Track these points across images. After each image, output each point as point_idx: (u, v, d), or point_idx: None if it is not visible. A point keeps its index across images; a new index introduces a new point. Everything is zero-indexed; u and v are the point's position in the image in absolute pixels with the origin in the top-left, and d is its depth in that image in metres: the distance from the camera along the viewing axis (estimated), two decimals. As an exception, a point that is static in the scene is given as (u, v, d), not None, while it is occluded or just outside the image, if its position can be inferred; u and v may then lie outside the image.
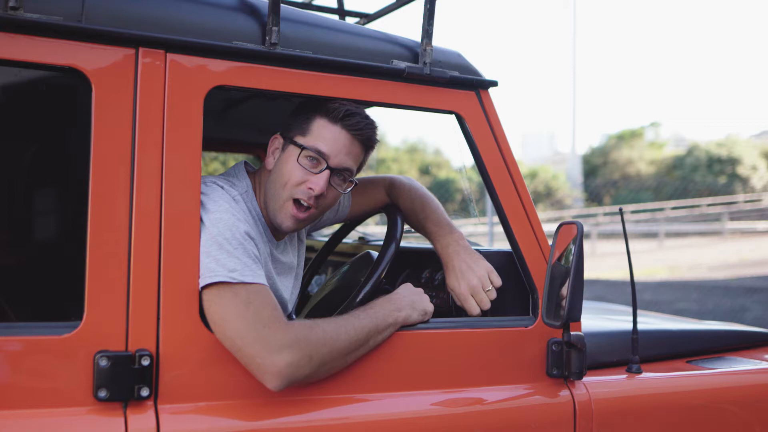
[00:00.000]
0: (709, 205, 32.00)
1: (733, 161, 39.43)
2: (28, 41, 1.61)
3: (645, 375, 2.30)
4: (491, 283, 2.11)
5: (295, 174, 1.96)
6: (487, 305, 2.09)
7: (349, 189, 2.05)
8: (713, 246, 25.03)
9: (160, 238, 1.69)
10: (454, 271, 2.14)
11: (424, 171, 38.91)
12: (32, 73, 1.96)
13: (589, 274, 16.66)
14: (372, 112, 2.30)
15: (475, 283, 2.09)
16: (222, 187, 1.89)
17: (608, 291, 13.68)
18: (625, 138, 46.13)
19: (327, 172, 1.96)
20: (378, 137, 2.07)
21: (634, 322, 2.29)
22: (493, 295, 2.10)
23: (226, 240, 1.76)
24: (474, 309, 2.09)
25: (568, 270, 1.92)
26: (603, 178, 41.82)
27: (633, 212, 30.47)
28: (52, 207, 2.29)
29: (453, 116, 2.07)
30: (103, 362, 1.61)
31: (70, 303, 1.73)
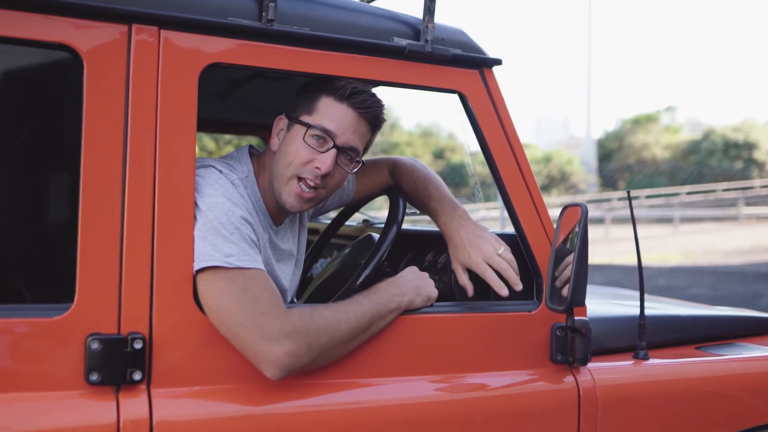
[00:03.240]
0: (724, 190, 31.86)
1: (750, 146, 39.18)
2: (17, 17, 1.56)
3: (652, 361, 2.25)
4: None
5: (301, 153, 1.91)
6: (504, 264, 2.02)
7: (356, 169, 2.01)
8: (728, 231, 24.91)
9: (154, 220, 1.66)
10: (461, 242, 2.08)
11: (438, 155, 38.84)
12: (21, 51, 1.92)
13: (603, 258, 16.63)
14: (384, 95, 2.26)
15: (487, 248, 2.03)
16: (220, 171, 1.85)
17: (623, 276, 13.62)
18: (640, 122, 45.92)
19: (334, 150, 1.91)
20: (385, 116, 2.02)
21: (642, 307, 2.24)
22: (508, 256, 2.04)
23: (222, 225, 1.72)
24: (488, 272, 2.02)
25: (573, 253, 1.88)
26: (618, 163, 41.70)
27: (648, 197, 30.38)
28: (44, 188, 2.26)
29: (456, 96, 2.02)
30: (95, 345, 1.58)
31: (61, 285, 1.69)
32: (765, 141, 39.47)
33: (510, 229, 2.16)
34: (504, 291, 2.01)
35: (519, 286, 2.02)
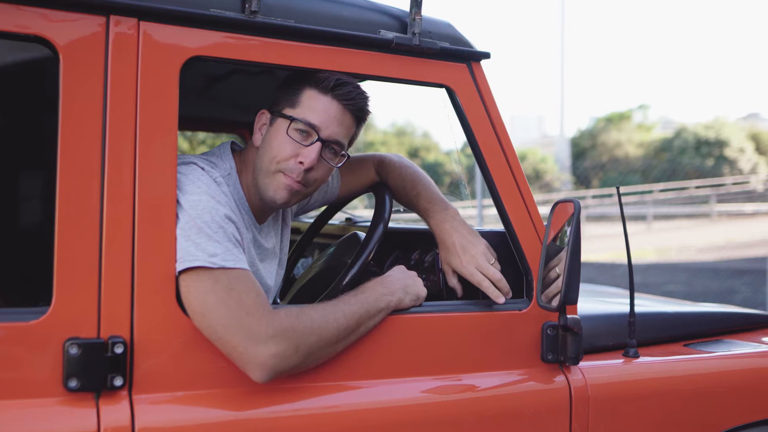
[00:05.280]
0: (697, 187, 32.13)
1: (721, 143, 39.53)
2: (-10, 8, 1.50)
3: (642, 359, 2.23)
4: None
5: (284, 147, 1.86)
6: (498, 275, 2.00)
7: (341, 163, 1.96)
8: (701, 228, 25.11)
9: (134, 220, 1.60)
10: (454, 248, 2.04)
11: (413, 154, 38.86)
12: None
13: (578, 256, 16.67)
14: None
15: (479, 259, 2.00)
16: (202, 168, 1.79)
17: (598, 273, 13.68)
18: (613, 120, 46.20)
19: (318, 144, 1.86)
20: (370, 109, 1.97)
21: (632, 304, 2.22)
22: (498, 267, 2.02)
23: (206, 223, 1.66)
24: (484, 282, 1.99)
25: (564, 250, 1.85)
26: (591, 161, 41.91)
27: (621, 194, 30.52)
28: (18, 187, 2.19)
29: (443, 90, 1.98)
30: (74, 350, 1.52)
31: (38, 287, 1.63)
32: (736, 139, 39.82)
33: (491, 226, 2.12)
34: (501, 300, 1.99)
35: (502, 299, 2.00)
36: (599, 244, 18.51)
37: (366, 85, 2.10)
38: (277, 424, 1.70)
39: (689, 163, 37.55)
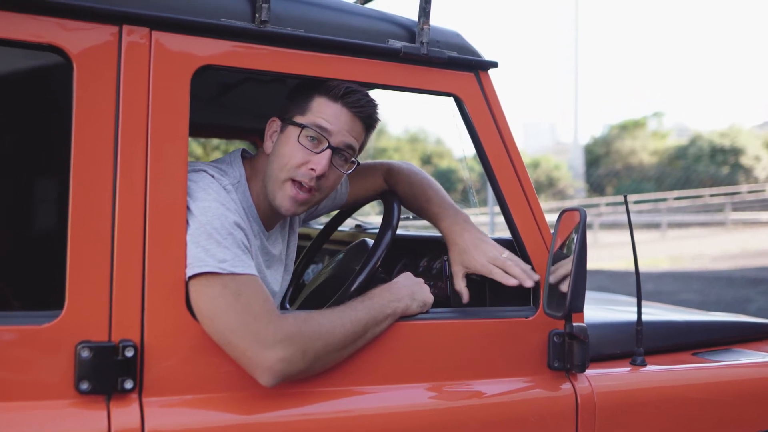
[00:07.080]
0: (711, 195, 32.00)
1: (736, 151, 39.36)
2: (4, 17, 1.53)
3: (650, 368, 2.23)
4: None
5: (295, 155, 1.89)
6: (515, 268, 2.01)
7: (351, 170, 1.98)
8: (716, 236, 25.00)
9: (145, 225, 1.62)
10: (465, 245, 2.07)
11: (426, 161, 38.87)
12: (8, 52, 1.88)
13: (591, 264, 16.60)
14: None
15: (492, 251, 2.03)
16: (212, 176, 1.82)
17: (611, 281, 13.63)
18: (627, 128, 46.08)
19: (329, 151, 1.89)
20: (379, 116, 2.00)
21: (639, 313, 2.22)
22: (514, 257, 2.04)
23: (215, 229, 1.69)
24: (495, 270, 2.01)
25: (570, 258, 1.86)
26: (605, 168, 41.81)
27: (635, 202, 30.47)
28: (33, 193, 2.22)
29: (451, 99, 2.00)
30: (85, 353, 1.54)
31: (50, 291, 1.66)
32: (751, 146, 39.64)
33: (500, 234, 2.13)
34: (512, 281, 2.01)
35: (529, 282, 2.01)
36: (613, 251, 18.47)
37: (378, 92, 2.12)
38: (284, 428, 1.71)
39: (704, 171, 37.40)
